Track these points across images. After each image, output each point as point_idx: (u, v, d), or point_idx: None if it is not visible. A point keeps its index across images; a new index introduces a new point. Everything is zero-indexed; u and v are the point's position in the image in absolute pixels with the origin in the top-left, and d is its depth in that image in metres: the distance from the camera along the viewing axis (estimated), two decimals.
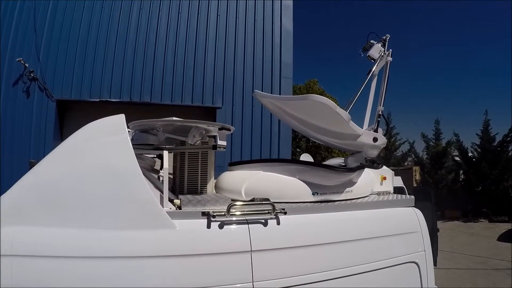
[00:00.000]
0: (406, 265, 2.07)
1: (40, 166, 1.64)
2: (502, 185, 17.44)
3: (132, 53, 7.87)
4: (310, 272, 1.75)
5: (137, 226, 1.58)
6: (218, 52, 8.25)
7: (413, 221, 2.21)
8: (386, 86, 2.71)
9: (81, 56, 7.65)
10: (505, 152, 18.34)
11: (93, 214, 1.56)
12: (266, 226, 1.75)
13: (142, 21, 8.02)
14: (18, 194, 1.56)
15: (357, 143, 2.33)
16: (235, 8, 8.49)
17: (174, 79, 7.97)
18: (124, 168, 1.63)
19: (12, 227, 1.47)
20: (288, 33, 8.68)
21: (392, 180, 2.76)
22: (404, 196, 2.49)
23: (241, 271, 1.63)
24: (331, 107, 2.01)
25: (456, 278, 7.97)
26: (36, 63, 7.37)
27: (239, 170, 2.28)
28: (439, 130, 21.14)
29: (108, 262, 1.50)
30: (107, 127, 1.75)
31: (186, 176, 2.11)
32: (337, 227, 1.96)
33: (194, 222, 1.68)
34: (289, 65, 8.59)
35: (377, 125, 2.55)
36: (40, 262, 1.44)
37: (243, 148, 7.91)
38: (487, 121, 19.15)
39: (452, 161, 20.18)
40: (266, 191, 2.02)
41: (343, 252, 1.89)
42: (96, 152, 1.66)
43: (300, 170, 2.16)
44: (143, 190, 1.61)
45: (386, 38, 2.90)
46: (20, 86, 7.34)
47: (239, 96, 8.20)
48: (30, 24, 7.45)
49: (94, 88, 7.61)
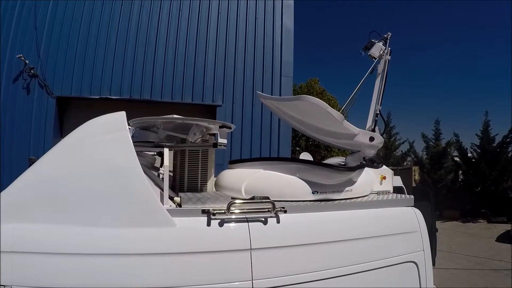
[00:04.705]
0: (405, 265, 2.07)
1: (40, 163, 1.64)
2: (501, 186, 17.45)
3: (132, 50, 7.85)
4: (309, 271, 1.76)
5: (137, 223, 1.58)
6: (218, 50, 8.24)
7: (412, 220, 2.21)
8: (384, 85, 2.71)
9: (81, 53, 7.63)
10: (504, 153, 18.33)
11: (93, 211, 1.57)
12: (266, 224, 1.75)
13: (142, 18, 8.01)
14: (18, 191, 1.56)
15: (354, 142, 2.34)
16: (236, 6, 8.47)
17: (174, 77, 7.96)
18: (125, 166, 1.63)
19: (12, 224, 1.47)
20: (288, 31, 8.67)
21: (391, 180, 2.76)
22: (403, 196, 2.49)
23: (241, 269, 1.63)
24: (322, 107, 2.02)
25: (454, 278, 7.98)
26: (36, 59, 7.35)
27: (239, 168, 2.29)
28: (439, 130, 21.16)
29: (108, 259, 1.50)
30: (107, 124, 1.75)
31: (186, 174, 2.11)
32: (337, 226, 1.96)
33: (194, 220, 1.68)
34: (289, 63, 8.58)
35: (374, 124, 2.56)
36: (40, 259, 1.44)
37: (243, 146, 7.91)
38: (487, 122, 19.15)
39: (452, 161, 20.17)
40: (266, 189, 2.02)
41: (343, 251, 1.89)
42: (96, 149, 1.66)
43: (300, 169, 2.16)
44: (143, 188, 1.61)
45: (388, 36, 2.90)
46: (20, 83, 7.32)
47: (240, 94, 8.20)
48: (31, 20, 7.43)
49: (94, 85, 7.60)
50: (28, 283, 1.40)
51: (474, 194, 18.09)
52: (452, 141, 20.16)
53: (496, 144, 18.64)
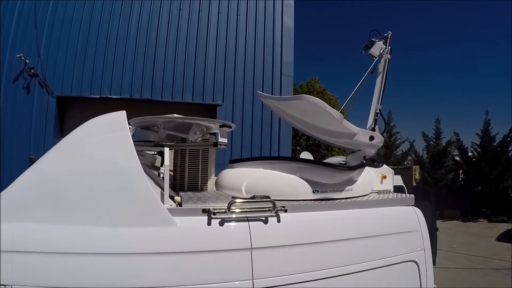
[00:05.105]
0: (405, 264, 2.07)
1: (40, 163, 1.64)
2: (501, 185, 17.46)
3: (132, 50, 7.85)
4: (310, 270, 1.76)
5: (137, 223, 1.58)
6: (219, 49, 8.23)
7: (413, 220, 2.21)
8: (384, 85, 2.71)
9: (81, 52, 7.62)
10: (505, 152, 18.34)
11: (94, 211, 1.56)
12: (266, 223, 1.75)
13: (143, 18, 8.00)
14: (18, 190, 1.56)
15: (354, 141, 2.35)
16: (236, 6, 8.47)
17: (174, 76, 7.96)
18: (125, 165, 1.63)
19: (12, 223, 1.47)
20: (289, 31, 8.66)
21: (392, 179, 2.76)
22: (404, 195, 2.49)
23: (241, 268, 1.63)
24: (321, 106, 2.02)
25: (455, 278, 7.98)
26: (36, 59, 7.35)
27: (239, 167, 2.29)
28: (439, 129, 21.14)
29: (109, 259, 1.50)
30: (108, 123, 1.74)
31: (186, 173, 2.11)
32: (337, 225, 1.96)
33: (194, 219, 1.68)
34: (290, 63, 8.57)
35: (374, 123, 2.56)
36: (40, 258, 1.44)
37: (244, 145, 7.90)
38: (487, 121, 19.15)
39: (452, 160, 20.17)
40: (266, 188, 2.02)
41: (343, 250, 1.89)
42: (96, 148, 1.66)
43: (301, 168, 2.16)
44: (144, 187, 1.61)
45: (388, 35, 2.90)
46: (21, 82, 7.32)
47: (240, 93, 8.19)
48: (31, 20, 7.42)
49: (94, 85, 7.59)
50: (28, 282, 1.40)
51: (475, 193, 18.09)
52: (452, 140, 20.17)
53: (496, 143, 18.65)
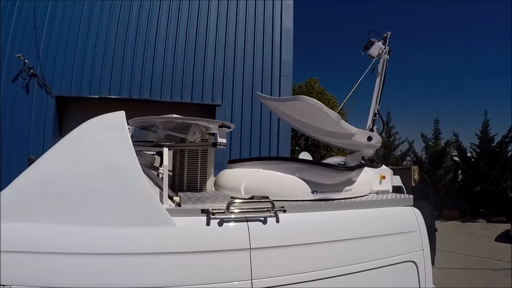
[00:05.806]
0: (404, 264, 2.08)
1: (40, 163, 1.64)
2: (500, 185, 17.51)
3: (131, 50, 7.85)
4: (309, 270, 1.76)
5: (136, 223, 1.58)
6: (218, 49, 8.23)
7: (412, 220, 2.21)
8: (382, 85, 2.71)
9: (80, 52, 7.62)
10: (504, 152, 18.40)
11: (93, 210, 1.56)
12: (265, 224, 1.75)
13: (142, 18, 8.00)
14: (17, 190, 1.56)
15: (352, 142, 2.35)
16: (235, 6, 8.47)
17: (173, 76, 7.96)
18: (124, 165, 1.63)
19: (12, 223, 1.47)
20: (288, 31, 8.67)
21: (391, 179, 2.77)
22: (402, 196, 2.49)
23: (240, 269, 1.63)
24: (318, 107, 2.02)
25: (453, 278, 8.00)
26: (35, 59, 7.34)
27: (238, 167, 2.29)
28: (438, 130, 21.22)
29: (108, 259, 1.50)
30: (107, 123, 1.74)
31: (185, 174, 2.11)
32: (336, 226, 1.96)
33: (193, 219, 1.68)
34: (289, 63, 8.58)
35: (372, 124, 2.56)
36: (40, 258, 1.44)
37: (242, 145, 7.91)
38: (486, 122, 19.21)
39: (451, 161, 20.22)
40: (265, 189, 2.02)
41: (342, 251, 1.89)
42: (96, 148, 1.66)
43: (300, 168, 2.16)
44: (143, 187, 1.61)
45: (387, 35, 2.90)
46: (20, 82, 7.31)
47: (239, 94, 8.19)
48: (30, 20, 7.41)
49: (93, 85, 7.59)
50: (27, 282, 1.40)
51: (474, 193, 18.13)
52: (451, 141, 20.23)
53: (495, 144, 18.70)
